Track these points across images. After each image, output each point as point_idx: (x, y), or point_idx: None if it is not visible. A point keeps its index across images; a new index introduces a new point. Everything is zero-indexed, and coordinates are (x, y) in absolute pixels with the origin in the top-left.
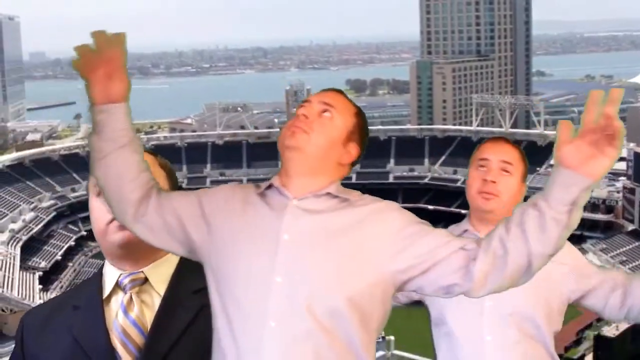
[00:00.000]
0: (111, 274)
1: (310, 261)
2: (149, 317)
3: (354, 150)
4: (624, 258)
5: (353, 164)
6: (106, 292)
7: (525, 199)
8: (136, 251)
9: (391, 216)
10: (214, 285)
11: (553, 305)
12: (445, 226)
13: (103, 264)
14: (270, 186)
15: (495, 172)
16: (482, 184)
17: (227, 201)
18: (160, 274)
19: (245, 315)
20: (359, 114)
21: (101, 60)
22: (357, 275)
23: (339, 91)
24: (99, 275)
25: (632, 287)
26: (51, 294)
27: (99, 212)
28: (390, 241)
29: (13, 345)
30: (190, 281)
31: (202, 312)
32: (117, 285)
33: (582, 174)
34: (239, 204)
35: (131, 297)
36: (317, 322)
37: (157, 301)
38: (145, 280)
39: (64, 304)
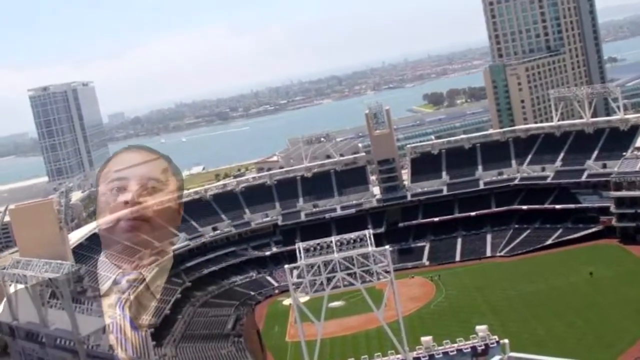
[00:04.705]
0: (107, 270)
1: None
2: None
3: None
4: None
5: None
6: (103, 288)
7: (605, 185)
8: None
9: None
10: None
11: None
12: (542, 224)
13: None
14: None
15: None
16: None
17: None
18: (156, 277)
19: None
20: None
21: None
22: None
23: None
24: (92, 272)
25: None
26: (165, 349)
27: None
28: None
29: None
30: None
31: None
32: (114, 283)
33: None
34: None
35: (129, 298)
36: None
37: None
38: (143, 281)
39: None
